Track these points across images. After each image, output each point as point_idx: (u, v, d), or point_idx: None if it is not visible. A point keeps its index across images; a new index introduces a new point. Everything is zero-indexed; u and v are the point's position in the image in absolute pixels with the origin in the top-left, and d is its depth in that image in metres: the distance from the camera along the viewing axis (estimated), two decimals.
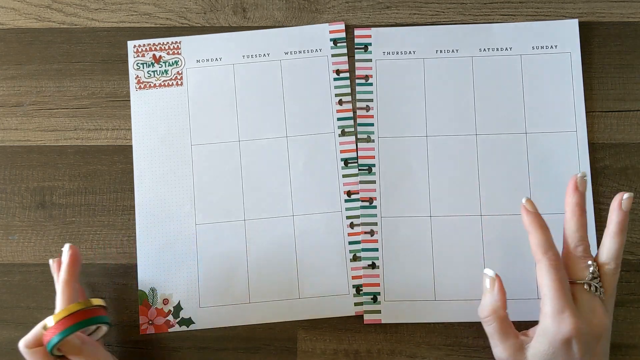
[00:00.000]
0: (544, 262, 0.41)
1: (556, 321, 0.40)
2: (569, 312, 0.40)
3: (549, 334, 0.40)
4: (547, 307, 0.40)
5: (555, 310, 0.40)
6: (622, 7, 0.53)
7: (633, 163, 0.51)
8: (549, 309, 0.40)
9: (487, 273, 0.45)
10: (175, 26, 0.54)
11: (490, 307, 0.43)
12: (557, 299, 0.40)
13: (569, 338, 0.39)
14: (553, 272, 0.41)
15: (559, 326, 0.39)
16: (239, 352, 0.50)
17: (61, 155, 0.53)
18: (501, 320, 0.43)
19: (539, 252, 0.42)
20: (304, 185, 0.52)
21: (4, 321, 0.51)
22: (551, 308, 0.40)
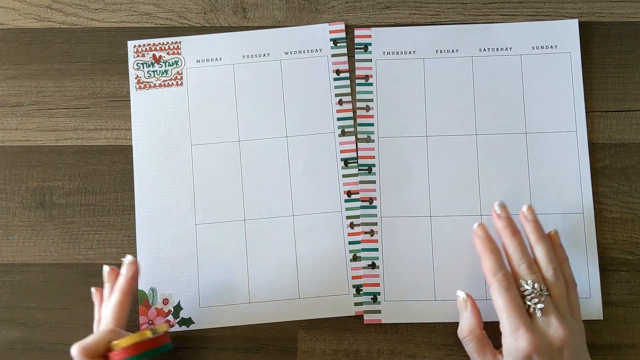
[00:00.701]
0: (494, 284, 0.43)
1: (513, 339, 0.41)
2: (523, 329, 0.41)
3: (511, 352, 0.41)
4: (504, 327, 0.42)
5: (510, 329, 0.41)
6: (622, 7, 0.54)
7: (633, 163, 0.51)
8: (506, 329, 0.42)
9: (459, 295, 0.47)
10: (175, 26, 0.54)
11: (467, 327, 0.45)
12: (510, 317, 0.42)
13: (529, 354, 0.40)
14: (504, 292, 0.42)
15: (517, 344, 0.41)
16: (239, 352, 0.50)
17: (61, 155, 0.53)
18: (478, 339, 0.45)
19: (489, 275, 0.44)
20: (304, 185, 0.52)
21: (4, 321, 0.51)
22: (507, 327, 0.42)
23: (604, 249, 0.50)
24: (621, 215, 0.51)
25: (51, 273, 0.51)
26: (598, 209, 0.51)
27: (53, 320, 0.50)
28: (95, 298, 0.48)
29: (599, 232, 0.50)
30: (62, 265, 0.51)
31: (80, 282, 0.51)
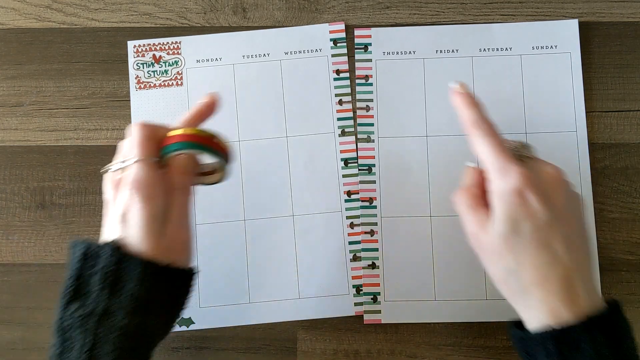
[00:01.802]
0: (478, 132, 0.39)
1: (502, 179, 0.36)
2: (512, 165, 0.36)
3: (502, 195, 0.36)
4: (492, 171, 0.37)
5: (499, 169, 0.37)
6: (622, 7, 0.54)
7: (633, 163, 0.51)
8: (494, 173, 0.37)
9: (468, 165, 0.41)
10: (175, 26, 0.54)
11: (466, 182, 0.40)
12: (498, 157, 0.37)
13: (520, 189, 0.36)
14: (489, 138, 0.38)
15: (506, 180, 0.36)
16: (239, 352, 0.50)
17: (61, 155, 0.53)
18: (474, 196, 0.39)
19: (470, 126, 0.39)
20: (304, 185, 0.52)
21: (4, 321, 0.51)
22: (495, 169, 0.37)
23: (604, 249, 0.50)
24: (621, 215, 0.51)
25: (51, 273, 0.51)
26: (598, 209, 0.51)
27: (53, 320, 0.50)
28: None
29: (599, 232, 0.50)
30: (62, 265, 0.51)
31: None
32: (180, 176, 0.39)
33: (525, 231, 0.36)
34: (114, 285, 0.35)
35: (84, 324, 0.35)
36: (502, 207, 0.36)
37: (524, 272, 0.36)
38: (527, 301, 0.36)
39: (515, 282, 0.36)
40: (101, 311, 0.35)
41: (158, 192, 0.37)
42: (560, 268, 0.35)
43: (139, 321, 0.35)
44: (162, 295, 0.37)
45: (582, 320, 0.34)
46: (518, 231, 0.36)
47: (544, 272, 0.35)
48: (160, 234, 0.37)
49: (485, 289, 0.50)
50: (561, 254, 0.36)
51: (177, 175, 0.39)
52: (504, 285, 0.37)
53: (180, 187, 0.39)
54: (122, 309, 0.35)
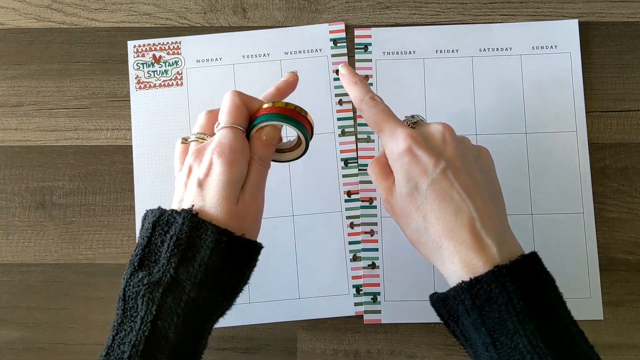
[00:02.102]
0: (364, 105, 0.41)
1: (393, 141, 0.39)
2: (400, 127, 0.39)
3: (395, 157, 0.38)
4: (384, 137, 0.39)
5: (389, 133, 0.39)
6: (622, 7, 0.54)
7: (633, 163, 0.51)
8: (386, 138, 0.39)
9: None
10: (175, 26, 0.54)
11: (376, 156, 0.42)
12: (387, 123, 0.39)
13: (408, 147, 0.38)
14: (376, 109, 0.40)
15: (396, 143, 0.38)
16: (239, 352, 0.50)
17: (61, 155, 0.53)
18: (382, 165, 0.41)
19: (357, 102, 0.41)
20: (304, 185, 0.52)
21: (4, 321, 0.51)
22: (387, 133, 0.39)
23: (604, 249, 0.50)
24: (621, 215, 0.51)
25: (51, 273, 0.51)
26: (598, 209, 0.51)
27: (53, 320, 0.50)
28: None
29: (599, 232, 0.50)
30: (62, 265, 0.51)
31: (80, 282, 0.51)
32: (263, 147, 0.40)
33: (424, 186, 0.37)
34: (185, 254, 0.35)
35: (149, 292, 0.34)
36: (398, 169, 0.38)
37: (431, 226, 0.37)
38: (441, 256, 0.37)
39: (427, 239, 0.37)
40: (169, 280, 0.34)
41: (240, 159, 0.38)
42: (465, 217, 0.36)
43: (207, 294, 0.35)
44: (232, 267, 0.37)
45: (491, 270, 0.34)
46: (417, 188, 0.37)
47: (450, 223, 0.36)
48: (236, 200, 0.37)
49: None
50: (462, 203, 0.36)
51: (259, 145, 0.40)
52: (419, 245, 0.39)
53: (260, 158, 0.39)
54: (191, 280, 0.34)
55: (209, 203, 0.37)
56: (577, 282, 0.49)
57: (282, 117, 0.39)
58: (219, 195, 0.37)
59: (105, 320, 0.50)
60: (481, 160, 0.40)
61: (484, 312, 0.34)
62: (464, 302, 0.35)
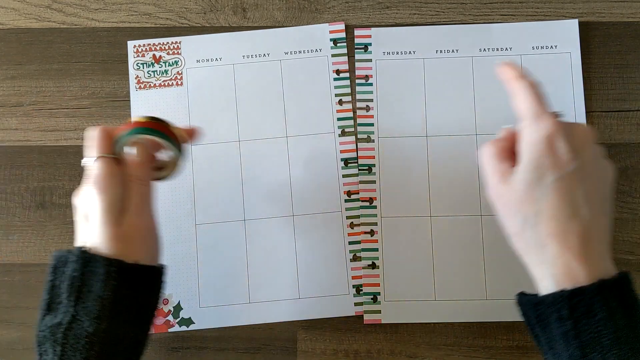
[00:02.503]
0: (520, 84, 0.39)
1: (536, 123, 0.36)
2: (547, 114, 0.36)
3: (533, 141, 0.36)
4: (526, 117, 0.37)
5: (534, 114, 0.37)
6: (622, 7, 0.53)
7: (633, 163, 0.51)
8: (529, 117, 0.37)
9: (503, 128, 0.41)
10: (175, 26, 0.54)
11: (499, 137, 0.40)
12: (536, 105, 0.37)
13: (551, 135, 0.35)
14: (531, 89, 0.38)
15: (539, 126, 0.36)
16: (239, 352, 0.50)
17: (61, 155, 0.53)
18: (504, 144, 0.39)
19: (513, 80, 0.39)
20: (304, 185, 0.52)
21: (4, 321, 0.51)
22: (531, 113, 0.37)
23: None
24: (621, 215, 0.51)
25: None
26: None
27: None
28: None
29: None
30: None
31: None
32: (135, 166, 0.40)
33: (549, 179, 0.35)
34: (81, 290, 0.36)
35: (53, 334, 0.35)
36: (530, 153, 0.36)
37: (542, 222, 0.35)
38: (541, 255, 0.35)
39: (532, 234, 0.35)
40: (69, 319, 0.35)
41: (113, 183, 0.38)
42: (579, 223, 0.35)
43: (106, 327, 0.35)
44: (130, 295, 0.37)
45: (595, 283, 0.33)
46: (542, 179, 0.35)
47: (563, 224, 0.35)
48: (118, 222, 0.37)
49: (485, 289, 0.50)
50: (581, 209, 0.35)
51: (132, 165, 0.40)
52: (520, 239, 0.37)
53: (136, 178, 0.39)
54: (88, 315, 0.35)
55: (95, 234, 0.37)
56: None
57: (138, 131, 0.39)
58: (99, 222, 0.37)
59: None
60: (608, 174, 0.38)
61: (580, 324, 0.33)
62: (559, 310, 0.34)
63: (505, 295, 0.49)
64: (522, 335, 0.49)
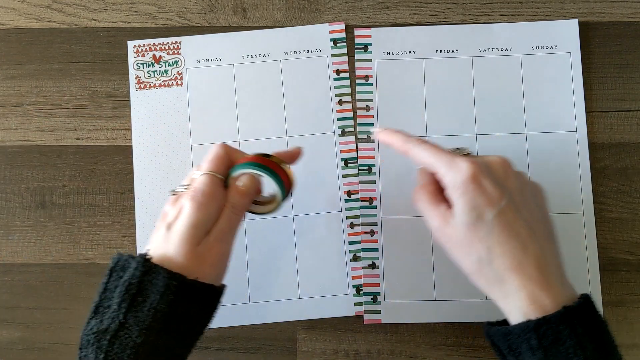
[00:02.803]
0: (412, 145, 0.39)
1: (454, 170, 0.37)
2: (459, 157, 0.37)
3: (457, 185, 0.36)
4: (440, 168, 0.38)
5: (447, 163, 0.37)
6: (622, 7, 0.53)
7: (633, 163, 0.51)
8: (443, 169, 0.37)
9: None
10: (175, 26, 0.54)
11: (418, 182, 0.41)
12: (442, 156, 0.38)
13: (473, 175, 0.36)
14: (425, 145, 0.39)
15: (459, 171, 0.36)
16: (239, 352, 0.50)
17: (61, 155, 0.53)
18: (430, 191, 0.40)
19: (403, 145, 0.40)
20: (304, 185, 0.52)
21: (4, 321, 0.51)
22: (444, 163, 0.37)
23: (604, 249, 0.50)
24: (621, 215, 0.51)
25: (51, 273, 0.51)
26: (598, 209, 0.51)
27: (53, 320, 0.50)
28: None
29: (599, 232, 0.50)
30: (62, 265, 0.51)
31: (80, 282, 0.51)
32: (237, 195, 0.40)
33: (489, 217, 0.36)
34: (135, 299, 0.35)
35: (98, 340, 0.34)
36: (461, 197, 0.37)
37: (497, 258, 0.36)
38: (504, 289, 0.36)
39: (490, 271, 0.36)
40: (116, 327, 0.34)
41: (210, 203, 0.38)
42: (530, 252, 0.35)
43: (154, 339, 0.35)
44: (185, 311, 0.36)
45: (560, 310, 0.34)
46: (482, 218, 0.36)
47: (518, 257, 0.35)
48: (198, 242, 0.38)
49: None
50: (527, 238, 0.36)
51: (234, 193, 0.40)
52: (479, 276, 0.37)
53: (233, 205, 0.40)
54: (138, 325, 0.35)
55: (171, 245, 0.38)
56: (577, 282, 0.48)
57: (257, 166, 0.40)
58: (181, 236, 0.37)
59: None
60: (537, 197, 0.40)
61: (550, 353, 0.34)
62: (529, 340, 0.34)
63: None
64: None
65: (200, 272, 0.37)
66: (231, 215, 0.40)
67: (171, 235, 0.38)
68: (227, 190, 0.40)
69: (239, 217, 0.41)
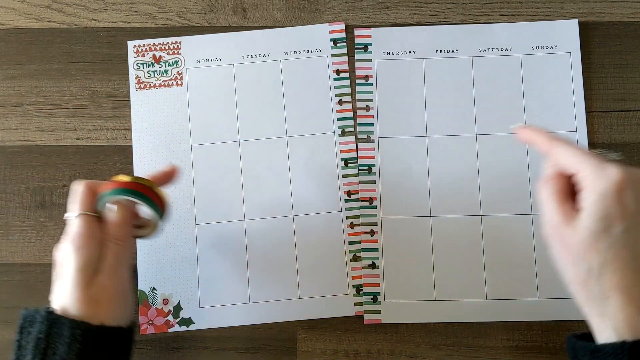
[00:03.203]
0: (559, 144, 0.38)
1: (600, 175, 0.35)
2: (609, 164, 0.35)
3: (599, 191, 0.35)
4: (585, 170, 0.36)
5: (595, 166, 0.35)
6: (622, 7, 0.53)
7: (633, 163, 0.51)
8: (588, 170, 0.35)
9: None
10: (175, 26, 0.54)
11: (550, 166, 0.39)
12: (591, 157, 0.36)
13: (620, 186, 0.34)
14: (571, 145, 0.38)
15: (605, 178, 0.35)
16: (239, 352, 0.50)
17: (61, 155, 0.53)
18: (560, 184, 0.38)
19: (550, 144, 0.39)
20: (304, 185, 0.52)
21: (4, 321, 0.51)
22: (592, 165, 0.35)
23: None
24: None
25: (51, 273, 0.51)
26: None
27: None
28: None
29: None
30: None
31: None
32: (115, 226, 0.40)
33: (617, 230, 0.34)
34: (46, 353, 0.36)
35: None
36: (597, 203, 0.35)
37: (607, 274, 0.34)
38: (603, 307, 0.34)
39: (595, 285, 0.35)
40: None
41: (89, 242, 0.38)
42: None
43: None
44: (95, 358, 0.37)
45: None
46: (610, 230, 0.34)
47: (630, 277, 0.34)
48: (89, 283, 0.38)
49: (485, 289, 0.50)
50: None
51: (112, 225, 0.40)
52: (582, 288, 0.36)
53: (115, 237, 0.40)
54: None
55: (65, 293, 0.38)
56: None
57: (127, 192, 0.40)
58: (71, 283, 0.38)
59: None
60: None
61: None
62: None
63: (505, 295, 0.49)
64: (522, 335, 0.49)
65: (102, 314, 0.37)
66: (116, 247, 0.40)
67: (63, 284, 0.38)
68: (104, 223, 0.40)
69: (125, 247, 0.41)
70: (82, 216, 0.39)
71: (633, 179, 0.35)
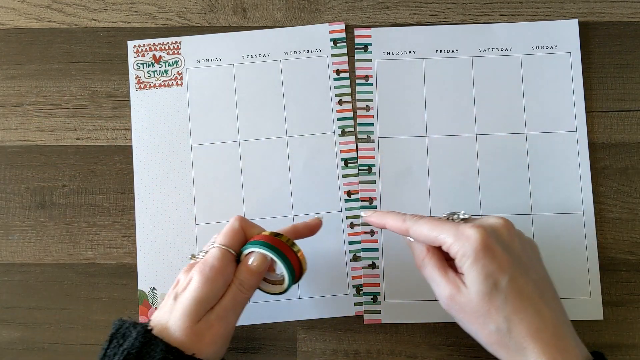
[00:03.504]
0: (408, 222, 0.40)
1: (462, 239, 0.36)
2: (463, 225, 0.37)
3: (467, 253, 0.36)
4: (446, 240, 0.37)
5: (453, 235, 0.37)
6: (622, 7, 0.54)
7: (633, 163, 0.51)
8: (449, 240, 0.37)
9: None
10: (175, 26, 0.54)
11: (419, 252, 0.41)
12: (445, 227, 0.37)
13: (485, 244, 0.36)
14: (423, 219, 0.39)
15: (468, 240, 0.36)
16: (239, 352, 0.50)
17: (61, 155, 0.53)
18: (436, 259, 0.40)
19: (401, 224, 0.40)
20: (304, 185, 0.52)
21: (4, 321, 0.51)
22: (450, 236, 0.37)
23: (604, 249, 0.50)
24: (621, 215, 0.51)
25: (51, 273, 0.51)
26: (598, 209, 0.51)
27: (53, 320, 0.50)
28: None
29: (599, 232, 0.50)
30: (62, 265, 0.51)
31: (80, 282, 0.51)
32: (246, 273, 0.40)
33: (504, 283, 0.36)
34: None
35: None
36: (473, 266, 0.36)
37: (515, 327, 0.35)
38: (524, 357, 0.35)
39: (510, 340, 0.36)
40: None
41: (217, 277, 0.39)
42: (545, 316, 0.35)
43: None
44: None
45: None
46: (497, 286, 0.36)
47: (535, 323, 0.35)
48: (199, 319, 0.38)
49: None
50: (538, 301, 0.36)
51: (244, 270, 0.40)
52: (499, 347, 0.37)
53: (241, 283, 0.40)
54: None
55: (173, 317, 0.38)
56: (577, 282, 0.49)
57: (267, 247, 0.40)
58: (183, 310, 0.38)
59: (106, 320, 0.50)
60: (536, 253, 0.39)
61: None
62: None
63: None
64: None
65: (197, 349, 0.37)
66: (237, 292, 0.40)
67: (175, 307, 0.38)
68: (238, 266, 0.41)
69: (246, 296, 0.40)
70: (222, 250, 0.40)
71: (491, 231, 0.37)
